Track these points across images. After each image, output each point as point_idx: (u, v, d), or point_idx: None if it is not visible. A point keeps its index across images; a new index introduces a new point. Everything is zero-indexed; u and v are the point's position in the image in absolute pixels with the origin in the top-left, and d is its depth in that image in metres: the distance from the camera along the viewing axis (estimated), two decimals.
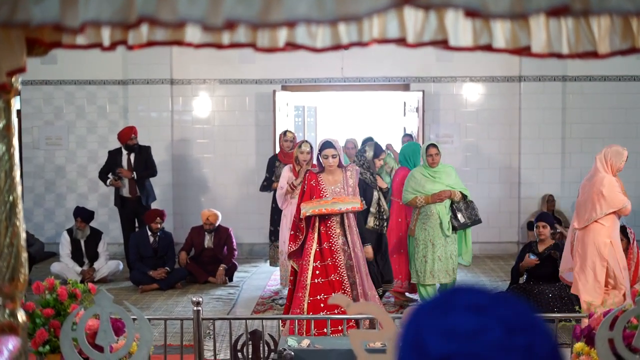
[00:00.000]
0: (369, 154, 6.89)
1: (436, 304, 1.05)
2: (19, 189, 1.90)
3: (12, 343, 1.77)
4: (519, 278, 7.08)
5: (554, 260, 6.79)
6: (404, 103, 10.36)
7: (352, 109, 12.83)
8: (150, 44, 2.04)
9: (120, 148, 8.71)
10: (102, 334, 2.92)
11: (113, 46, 2.03)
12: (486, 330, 0.98)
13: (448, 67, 10.01)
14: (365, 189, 6.66)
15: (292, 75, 10.06)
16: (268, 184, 8.14)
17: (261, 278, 8.66)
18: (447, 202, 7.00)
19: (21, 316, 1.94)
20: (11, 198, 1.80)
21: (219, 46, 2.05)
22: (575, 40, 2.07)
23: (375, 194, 6.81)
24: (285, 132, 8.30)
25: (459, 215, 7.00)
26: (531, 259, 6.89)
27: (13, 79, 2.15)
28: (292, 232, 5.80)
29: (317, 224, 5.67)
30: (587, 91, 10.03)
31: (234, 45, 2.05)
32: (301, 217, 5.64)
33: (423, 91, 9.78)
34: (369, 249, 6.16)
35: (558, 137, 10.04)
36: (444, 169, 7.14)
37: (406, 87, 10.12)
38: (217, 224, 8.54)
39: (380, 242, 6.88)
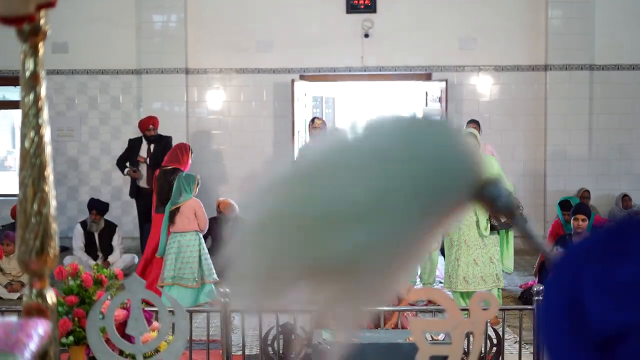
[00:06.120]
0: None
1: (605, 246, 0.67)
2: (48, 149, 1.56)
3: (42, 327, 1.43)
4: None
5: None
6: (426, 93, 10.05)
7: (372, 100, 12.51)
8: None
9: (141, 137, 8.45)
10: (133, 322, 2.62)
11: None
12: None
13: (471, 56, 9.71)
14: None
15: (311, 64, 9.76)
16: None
17: None
18: None
19: (51, 297, 1.60)
20: (39, 161, 1.48)
21: None
22: None
23: None
24: (313, 120, 8.05)
25: None
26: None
27: (42, 19, 1.82)
28: None
29: None
30: (615, 80, 9.72)
31: None
32: None
33: (446, 80, 9.47)
34: None
35: (585, 128, 9.72)
36: None
37: (428, 77, 9.82)
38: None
39: None
